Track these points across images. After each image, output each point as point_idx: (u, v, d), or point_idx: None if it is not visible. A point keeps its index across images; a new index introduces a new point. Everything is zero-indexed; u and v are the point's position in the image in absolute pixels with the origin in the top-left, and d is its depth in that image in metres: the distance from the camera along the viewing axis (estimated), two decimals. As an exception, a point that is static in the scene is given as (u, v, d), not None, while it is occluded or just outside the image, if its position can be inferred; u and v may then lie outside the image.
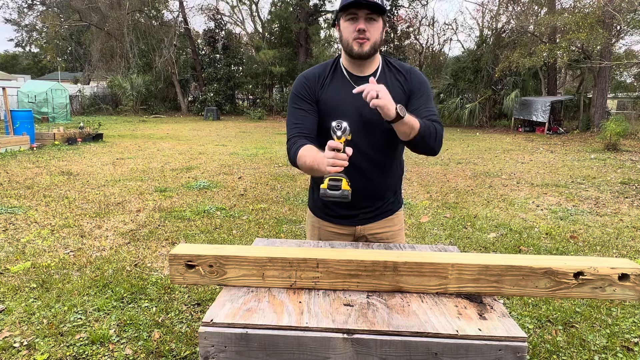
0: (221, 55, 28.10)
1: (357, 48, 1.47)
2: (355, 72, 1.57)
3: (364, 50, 1.47)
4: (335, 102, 1.56)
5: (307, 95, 1.58)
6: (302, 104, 1.58)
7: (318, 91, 1.59)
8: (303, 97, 1.58)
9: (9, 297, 2.96)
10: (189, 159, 9.37)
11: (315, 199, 1.75)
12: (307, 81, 1.60)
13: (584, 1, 16.93)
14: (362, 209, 1.67)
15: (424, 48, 26.12)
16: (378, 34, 1.48)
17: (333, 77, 1.60)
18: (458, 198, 6.15)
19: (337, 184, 1.29)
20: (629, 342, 2.54)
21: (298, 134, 1.55)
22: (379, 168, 1.60)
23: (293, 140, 1.53)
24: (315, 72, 1.62)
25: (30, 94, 18.98)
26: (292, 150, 1.50)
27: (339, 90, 1.57)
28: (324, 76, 1.60)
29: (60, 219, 4.78)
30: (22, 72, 43.23)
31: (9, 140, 9.85)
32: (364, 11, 1.43)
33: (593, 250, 4.09)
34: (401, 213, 1.79)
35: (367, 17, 1.44)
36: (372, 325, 0.99)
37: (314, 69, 1.64)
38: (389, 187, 1.69)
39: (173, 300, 2.98)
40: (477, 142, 13.93)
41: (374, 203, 1.67)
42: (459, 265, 1.14)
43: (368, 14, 1.44)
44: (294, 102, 1.60)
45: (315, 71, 1.63)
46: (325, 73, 1.61)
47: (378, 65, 1.59)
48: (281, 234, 4.46)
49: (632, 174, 8.04)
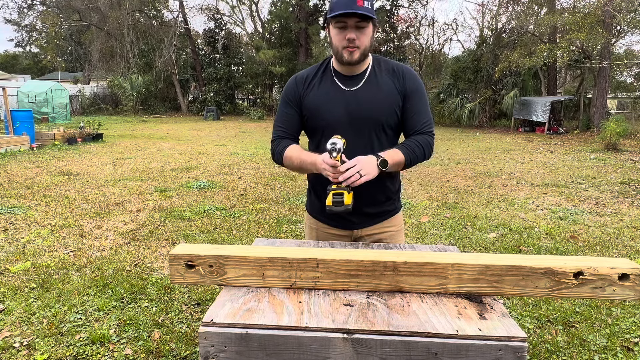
0: (221, 55, 28.11)
1: (347, 56, 1.49)
2: (345, 72, 1.58)
3: (354, 58, 1.49)
4: (320, 102, 1.58)
5: (292, 99, 1.64)
6: (287, 108, 1.65)
7: (303, 92, 1.61)
8: (289, 101, 1.64)
9: (9, 297, 2.96)
10: (189, 159, 9.37)
11: (312, 201, 1.76)
12: (295, 84, 1.64)
13: (584, 1, 16.94)
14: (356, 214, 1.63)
15: (424, 48, 26.12)
16: (368, 40, 1.49)
17: (322, 77, 1.61)
18: (458, 198, 6.15)
19: (340, 199, 1.40)
20: (629, 342, 2.54)
21: (281, 135, 1.66)
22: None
23: (277, 142, 1.65)
24: (304, 74, 1.65)
25: (30, 94, 18.98)
26: (277, 151, 1.63)
27: (326, 90, 1.58)
28: (312, 77, 1.62)
29: (60, 219, 4.78)
30: (22, 72, 43.21)
31: (9, 140, 9.85)
32: (353, 19, 1.43)
33: (593, 250, 4.09)
34: (400, 215, 1.77)
35: (356, 25, 1.44)
36: (372, 325, 0.99)
37: (305, 70, 1.67)
38: (384, 189, 1.65)
39: (173, 300, 2.98)
40: (477, 142, 13.93)
41: (368, 206, 1.64)
42: (459, 265, 1.14)
43: (357, 22, 1.44)
44: (282, 104, 1.67)
45: (305, 73, 1.66)
46: (314, 74, 1.63)
47: (368, 65, 1.59)
48: (281, 234, 4.46)
49: (632, 174, 8.04)
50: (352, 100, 1.54)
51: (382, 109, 1.54)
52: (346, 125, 1.54)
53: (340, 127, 1.54)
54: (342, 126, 1.54)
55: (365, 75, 1.57)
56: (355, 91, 1.55)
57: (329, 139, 1.40)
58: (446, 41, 39.41)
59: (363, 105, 1.53)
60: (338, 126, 1.54)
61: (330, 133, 1.54)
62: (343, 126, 1.54)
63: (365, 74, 1.57)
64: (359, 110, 1.54)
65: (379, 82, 1.56)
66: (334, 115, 1.55)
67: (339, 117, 1.55)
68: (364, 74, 1.57)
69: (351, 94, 1.55)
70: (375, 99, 1.54)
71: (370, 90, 1.55)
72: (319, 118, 1.58)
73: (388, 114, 1.55)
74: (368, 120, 1.54)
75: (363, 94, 1.55)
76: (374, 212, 1.66)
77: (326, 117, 1.56)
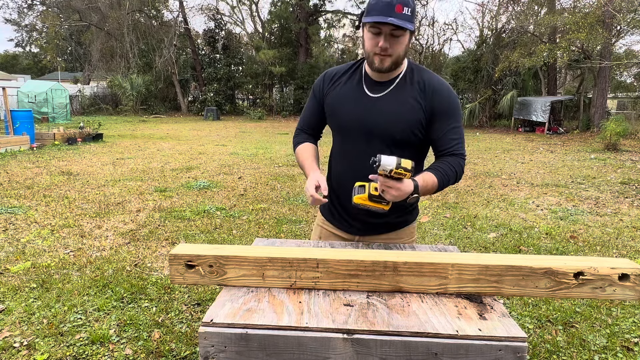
0: (221, 55, 28.10)
1: (378, 63, 1.41)
2: (374, 77, 1.51)
3: (384, 66, 1.42)
4: (340, 101, 1.55)
5: (318, 93, 1.64)
6: (312, 101, 1.68)
7: (328, 89, 1.60)
8: (315, 94, 1.66)
9: (9, 297, 2.96)
10: (189, 159, 9.37)
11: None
12: (323, 79, 1.64)
13: (584, 1, 16.95)
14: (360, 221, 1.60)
15: (424, 48, 26.08)
16: (402, 49, 1.40)
17: (351, 77, 1.57)
18: (458, 198, 6.14)
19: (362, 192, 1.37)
20: (629, 342, 2.54)
21: (301, 127, 1.72)
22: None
23: (296, 133, 1.72)
24: (334, 71, 1.64)
25: (30, 94, 18.98)
26: (294, 143, 1.71)
27: (349, 91, 1.54)
28: (341, 75, 1.59)
29: (60, 219, 4.78)
30: (22, 72, 43.21)
31: (9, 140, 9.85)
32: (388, 27, 1.34)
33: (593, 250, 4.08)
34: (411, 227, 1.66)
35: (391, 32, 1.35)
36: (372, 325, 0.99)
37: (338, 67, 1.65)
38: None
39: (173, 300, 2.98)
40: (477, 142, 13.93)
41: (376, 217, 1.55)
42: (459, 265, 1.14)
43: (393, 29, 1.34)
44: (311, 94, 1.69)
45: (335, 70, 1.64)
46: (343, 72, 1.60)
47: (400, 73, 1.50)
48: (281, 234, 4.46)
49: (632, 174, 8.03)
50: (369, 108, 1.49)
51: (395, 124, 1.45)
52: (358, 131, 1.50)
53: (352, 131, 1.51)
54: (354, 131, 1.51)
55: (393, 84, 1.48)
56: (377, 99, 1.48)
57: (384, 153, 1.29)
58: (446, 41, 39.38)
59: (377, 116, 1.47)
60: (352, 130, 1.51)
61: (344, 135, 1.54)
62: (355, 131, 1.51)
63: (393, 82, 1.48)
64: (372, 120, 1.47)
65: (403, 95, 1.47)
66: (348, 117, 1.52)
67: (352, 121, 1.51)
68: (392, 82, 1.48)
69: (371, 101, 1.49)
70: (393, 112, 1.46)
71: (391, 102, 1.47)
72: (335, 118, 1.57)
73: (401, 130, 1.45)
74: (379, 131, 1.47)
75: (382, 104, 1.47)
76: (379, 222, 1.59)
77: (341, 119, 1.54)
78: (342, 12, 31.03)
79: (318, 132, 1.71)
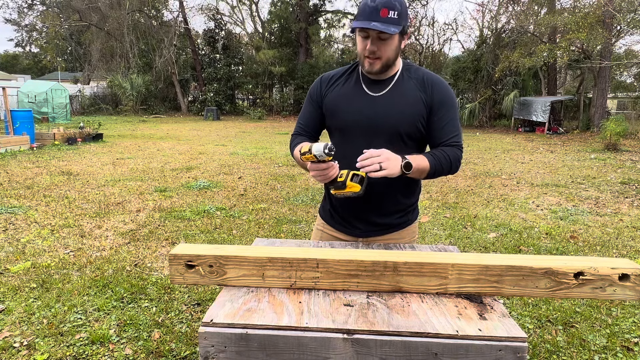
0: (221, 55, 28.11)
1: (368, 66, 1.45)
2: (372, 76, 1.53)
3: (374, 69, 1.45)
4: (340, 102, 1.56)
5: (314, 97, 1.64)
6: (308, 105, 1.67)
7: (326, 91, 1.61)
8: (311, 98, 1.65)
9: (9, 297, 2.96)
10: (189, 159, 9.37)
11: (323, 203, 1.76)
12: (320, 82, 1.64)
13: (584, 1, 16.96)
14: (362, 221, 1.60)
15: (424, 48, 26.08)
16: (391, 51, 1.42)
17: (348, 78, 1.59)
18: (458, 198, 6.14)
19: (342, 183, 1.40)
20: (629, 342, 2.54)
21: (298, 132, 1.69)
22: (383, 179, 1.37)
23: (293, 138, 1.70)
24: (330, 74, 1.65)
25: (30, 94, 18.98)
26: (291, 147, 1.67)
27: (349, 91, 1.56)
28: (338, 77, 1.61)
29: (60, 219, 4.78)
30: (22, 72, 43.20)
31: (9, 140, 9.85)
32: (374, 31, 1.36)
33: (593, 250, 4.08)
34: (413, 226, 1.67)
35: (378, 36, 1.38)
36: (372, 325, 0.99)
37: (334, 70, 1.67)
38: (395, 200, 1.58)
39: (173, 300, 2.98)
40: (477, 142, 13.93)
41: (375, 215, 1.58)
42: (459, 266, 1.14)
43: (379, 33, 1.36)
44: (305, 101, 1.69)
45: (332, 73, 1.65)
46: (341, 74, 1.62)
47: (397, 71, 1.53)
48: (281, 234, 4.46)
49: (632, 174, 8.03)
50: (372, 105, 1.50)
51: (401, 118, 1.48)
52: (362, 129, 1.50)
53: (356, 130, 1.51)
54: (358, 129, 1.51)
55: (392, 81, 1.51)
56: (379, 97, 1.50)
57: (324, 142, 1.35)
58: (446, 41, 39.33)
59: (382, 112, 1.48)
60: (354, 129, 1.52)
61: (345, 134, 1.54)
62: (359, 130, 1.51)
63: (392, 80, 1.51)
64: (377, 116, 1.49)
65: (404, 91, 1.50)
66: (351, 117, 1.52)
67: (356, 120, 1.51)
68: (390, 79, 1.51)
69: (373, 99, 1.50)
70: (397, 107, 1.48)
71: (393, 98, 1.49)
72: (337, 118, 1.57)
73: (407, 124, 1.48)
74: (384, 127, 1.49)
75: (385, 100, 1.49)
76: (380, 222, 1.59)
77: (343, 118, 1.54)
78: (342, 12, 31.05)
79: (315, 135, 1.70)
